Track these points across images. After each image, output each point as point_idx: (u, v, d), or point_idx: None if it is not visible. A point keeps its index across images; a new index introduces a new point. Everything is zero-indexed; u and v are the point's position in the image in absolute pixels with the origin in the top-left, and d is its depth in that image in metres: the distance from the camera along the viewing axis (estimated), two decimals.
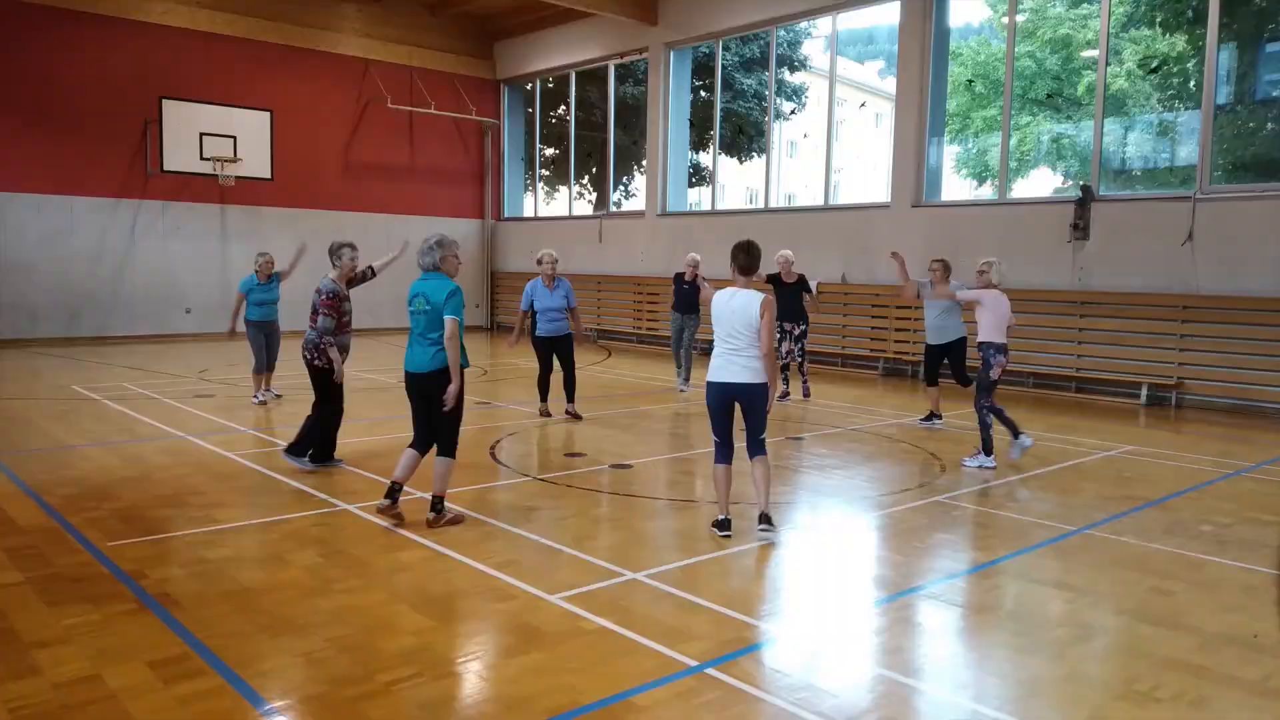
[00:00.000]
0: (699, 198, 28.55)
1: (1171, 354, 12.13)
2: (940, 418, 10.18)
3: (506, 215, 23.29)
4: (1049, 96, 23.38)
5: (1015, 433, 8.35)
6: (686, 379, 12.66)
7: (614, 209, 22.84)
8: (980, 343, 8.29)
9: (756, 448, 5.91)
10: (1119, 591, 5.14)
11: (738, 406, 5.92)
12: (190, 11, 18.11)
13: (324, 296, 7.19)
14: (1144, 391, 12.27)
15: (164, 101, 17.27)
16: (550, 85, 23.55)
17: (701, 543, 5.78)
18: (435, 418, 5.98)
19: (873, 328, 15.46)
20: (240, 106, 18.30)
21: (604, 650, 4.17)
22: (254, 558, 5.34)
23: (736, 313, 5.75)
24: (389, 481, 6.05)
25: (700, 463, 8.21)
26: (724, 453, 5.95)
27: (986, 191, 29.59)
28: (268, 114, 18.48)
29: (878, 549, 5.94)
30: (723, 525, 5.87)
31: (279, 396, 10.99)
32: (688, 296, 12.59)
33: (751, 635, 4.36)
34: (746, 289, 5.87)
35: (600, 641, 4.26)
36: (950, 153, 32.97)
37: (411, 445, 6.04)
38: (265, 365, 10.91)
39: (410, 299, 5.94)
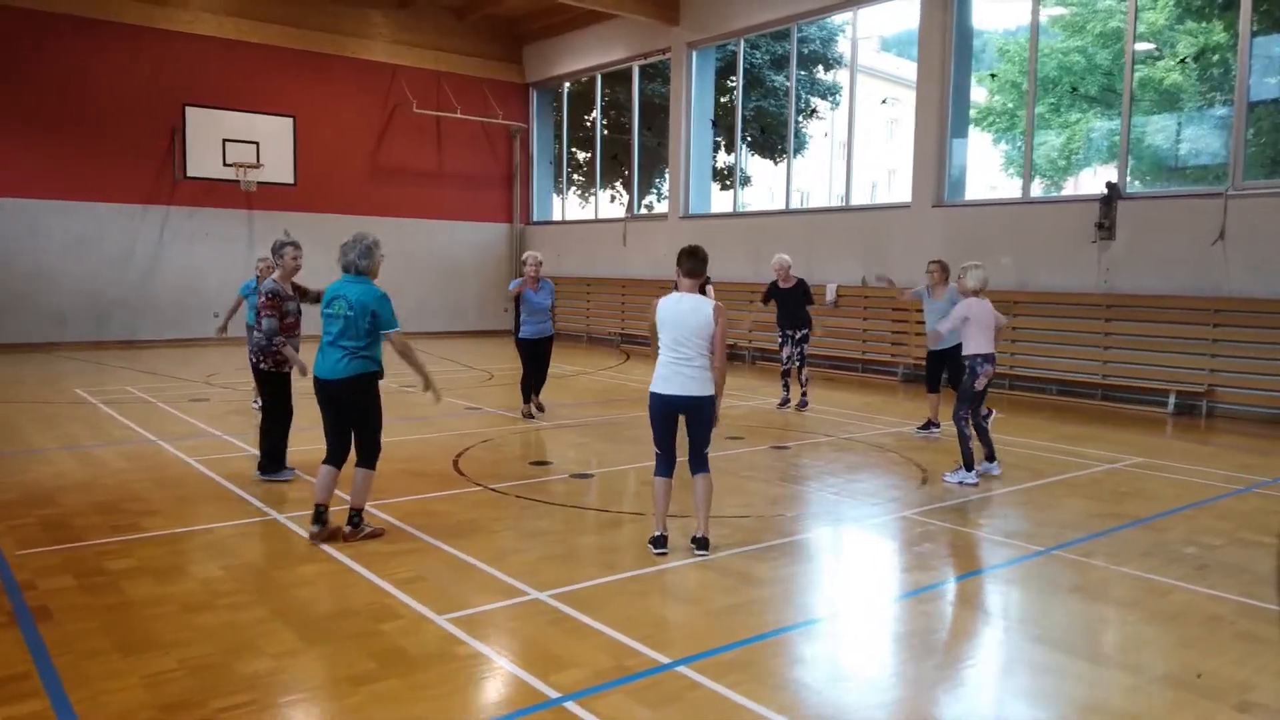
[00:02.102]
0: (743, 199, 28.11)
1: (1202, 360, 11.41)
2: (938, 426, 9.70)
3: (535, 219, 23.17)
4: (1073, 90, 22.46)
5: (990, 455, 7.85)
6: None
7: (645, 210, 22.62)
8: (965, 355, 7.82)
9: (699, 463, 5.59)
10: (1063, 622, 4.69)
11: (681, 419, 5.61)
12: (217, 19, 18.36)
13: (264, 297, 7.03)
14: (1171, 400, 11.56)
15: (187, 108, 17.52)
16: (580, 87, 23.37)
17: (627, 560, 5.47)
18: (354, 428, 5.76)
19: (894, 332, 14.92)
20: (263, 113, 18.48)
21: (467, 678, 3.89)
22: (156, 569, 5.18)
23: (685, 319, 5.44)
24: (314, 506, 5.79)
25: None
26: (665, 465, 5.63)
27: (1036, 190, 28.61)
28: (290, 120, 18.64)
29: (816, 572, 5.55)
30: (659, 542, 5.55)
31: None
32: None
33: (634, 664, 4.03)
34: (693, 294, 5.56)
35: (467, 668, 3.99)
36: (999, 152, 32.04)
37: (325, 461, 5.79)
38: None
39: (328, 301, 5.69)
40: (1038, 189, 28.77)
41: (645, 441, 9.37)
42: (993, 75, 21.11)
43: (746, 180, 27.14)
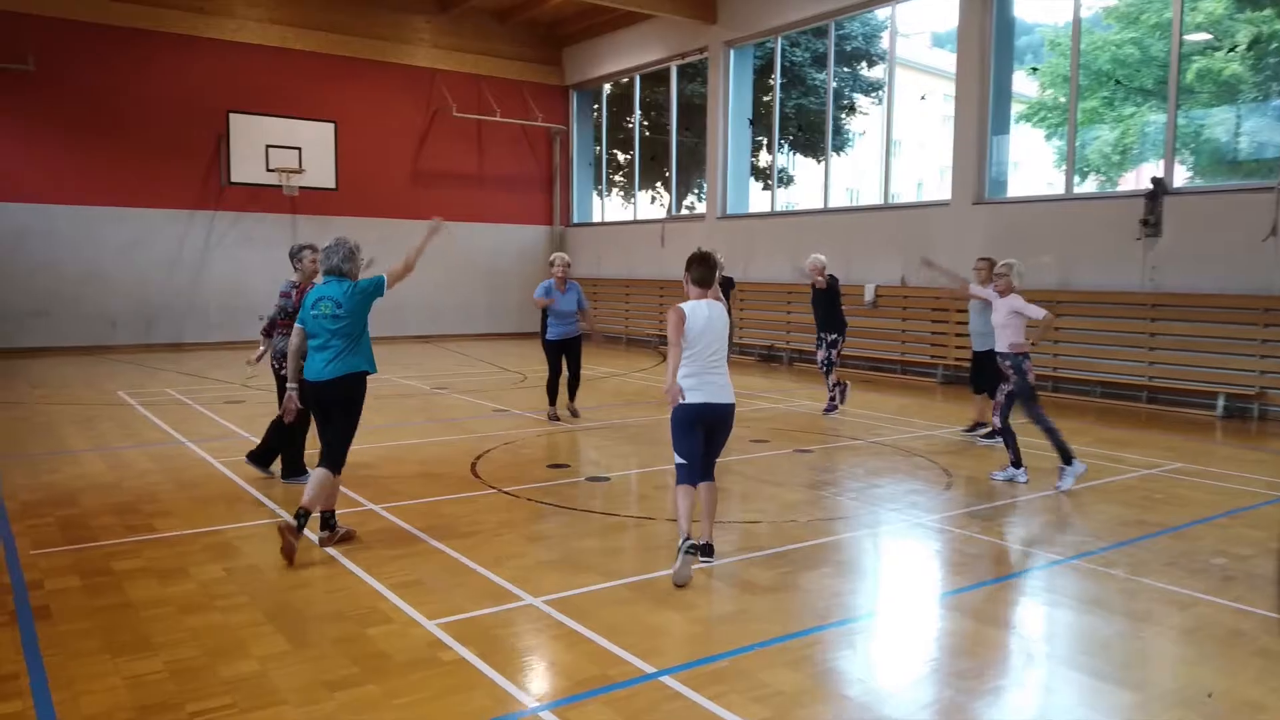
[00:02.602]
0: (790, 199, 27.79)
1: (1252, 361, 10.97)
2: (985, 426, 9.44)
3: (575, 221, 23.21)
4: (1117, 83, 21.80)
5: (1016, 461, 7.63)
6: None
7: (688, 211, 22.50)
8: (1001, 353, 7.63)
9: (708, 472, 5.49)
10: (1072, 634, 4.51)
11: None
12: (261, 27, 18.69)
13: (296, 295, 7.11)
14: (1220, 402, 11.14)
15: (231, 115, 17.87)
16: (620, 89, 23.35)
17: (627, 565, 5.40)
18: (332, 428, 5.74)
19: (933, 333, 14.62)
20: (305, 118, 18.77)
21: (444, 685, 3.85)
22: (160, 570, 5.23)
23: (715, 326, 5.37)
24: (319, 513, 5.74)
25: None
26: (694, 474, 5.48)
27: (1090, 187, 27.89)
28: (332, 125, 18.90)
29: (820, 580, 5.35)
30: (703, 550, 5.39)
31: None
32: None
33: (618, 674, 3.96)
34: (709, 301, 5.48)
35: (448, 675, 3.95)
36: (1054, 148, 31.32)
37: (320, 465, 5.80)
38: None
39: (314, 303, 5.69)
40: (1092, 185, 28.04)
41: (667, 444, 9.32)
42: (1034, 69, 20.58)
43: (790, 180, 26.87)
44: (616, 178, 25.53)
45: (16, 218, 16.72)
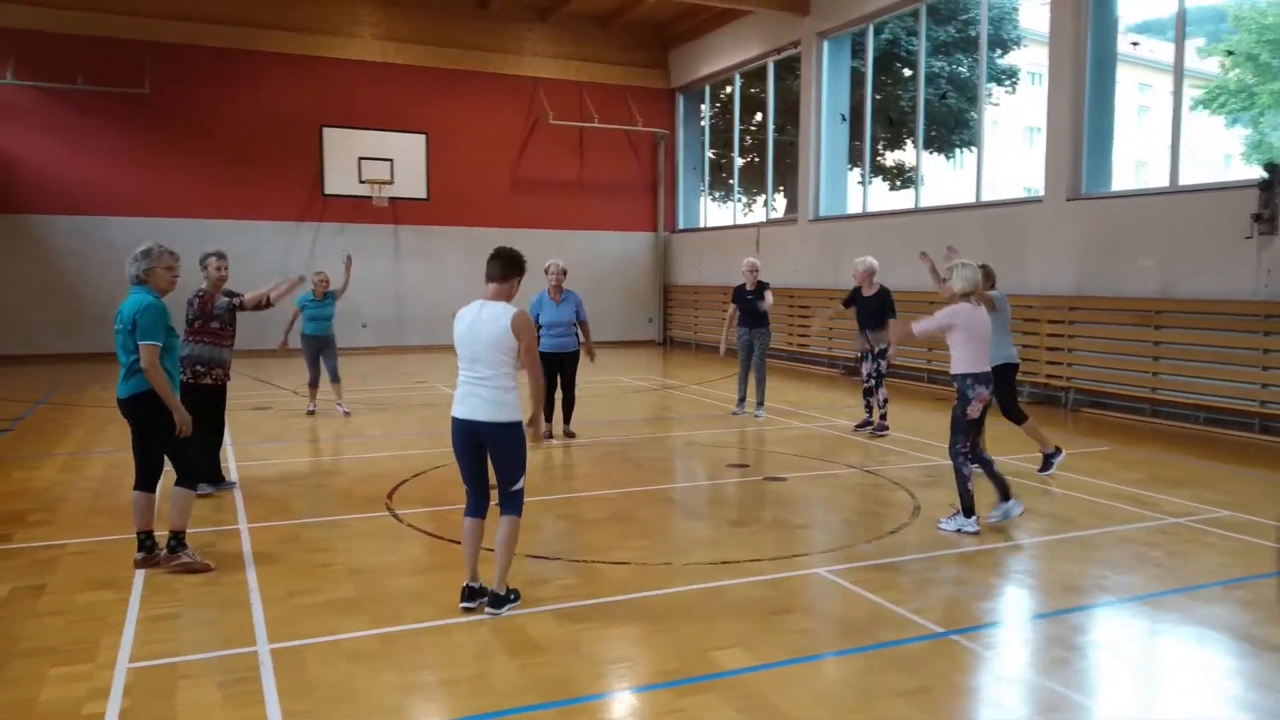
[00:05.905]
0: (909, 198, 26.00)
1: None
2: (1059, 453, 8.04)
3: (681, 226, 22.57)
4: (1229, 54, 18.93)
5: (1004, 494, 6.42)
6: (743, 400, 11.31)
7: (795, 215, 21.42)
8: (953, 375, 6.42)
9: (507, 503, 4.80)
10: None
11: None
12: (365, 44, 19.27)
13: (199, 303, 7.03)
14: None
15: (324, 129, 18.49)
16: (729, 89, 22.55)
17: (420, 610, 4.78)
18: (162, 450, 5.47)
19: (1024, 345, 12.96)
20: (397, 130, 19.16)
21: None
22: None
23: (479, 331, 4.70)
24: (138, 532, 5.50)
25: (623, 502, 7.06)
26: (473, 503, 4.89)
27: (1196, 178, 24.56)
28: (423, 136, 19.20)
29: (607, 641, 4.41)
30: (466, 594, 4.77)
31: (348, 414, 11.16)
32: (750, 307, 11.26)
33: None
34: (495, 302, 4.81)
35: None
36: (1236, 135, 27.79)
37: (135, 486, 5.53)
38: (318, 379, 11.32)
39: (116, 317, 5.46)
40: None
41: (647, 466, 8.60)
42: (1135, 43, 18.08)
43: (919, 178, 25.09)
44: (729, 181, 24.70)
45: (135, 232, 17.93)
